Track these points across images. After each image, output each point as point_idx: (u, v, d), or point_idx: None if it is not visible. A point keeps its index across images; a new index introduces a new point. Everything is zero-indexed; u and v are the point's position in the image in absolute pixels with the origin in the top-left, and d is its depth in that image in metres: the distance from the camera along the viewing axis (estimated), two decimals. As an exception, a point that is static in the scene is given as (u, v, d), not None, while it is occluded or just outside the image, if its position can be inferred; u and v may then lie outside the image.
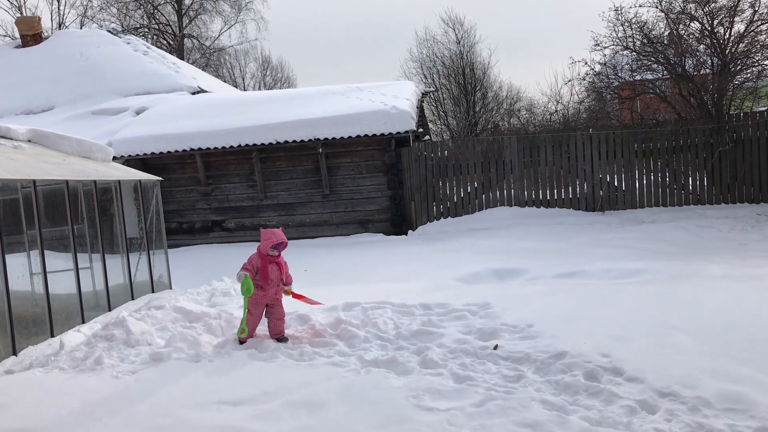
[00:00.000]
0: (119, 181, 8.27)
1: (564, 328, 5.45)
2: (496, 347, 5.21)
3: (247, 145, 13.52)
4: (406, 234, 13.50)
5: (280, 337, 5.88)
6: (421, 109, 16.85)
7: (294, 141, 13.40)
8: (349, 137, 13.30)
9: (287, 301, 6.20)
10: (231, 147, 13.54)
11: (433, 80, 31.54)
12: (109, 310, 7.51)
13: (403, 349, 5.37)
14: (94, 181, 7.60)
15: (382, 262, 10.45)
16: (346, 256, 11.28)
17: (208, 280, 8.75)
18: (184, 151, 13.66)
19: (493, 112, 31.26)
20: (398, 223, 13.77)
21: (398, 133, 13.27)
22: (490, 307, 6.38)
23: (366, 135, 13.28)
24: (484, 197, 13.69)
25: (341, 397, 4.34)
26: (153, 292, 8.60)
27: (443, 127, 31.18)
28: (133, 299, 8.09)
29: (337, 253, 11.60)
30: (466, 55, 31.55)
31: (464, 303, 6.62)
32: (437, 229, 13.32)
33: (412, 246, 11.88)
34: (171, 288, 9.03)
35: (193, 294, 7.73)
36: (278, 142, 13.46)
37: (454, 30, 31.63)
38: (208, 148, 13.59)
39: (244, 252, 12.34)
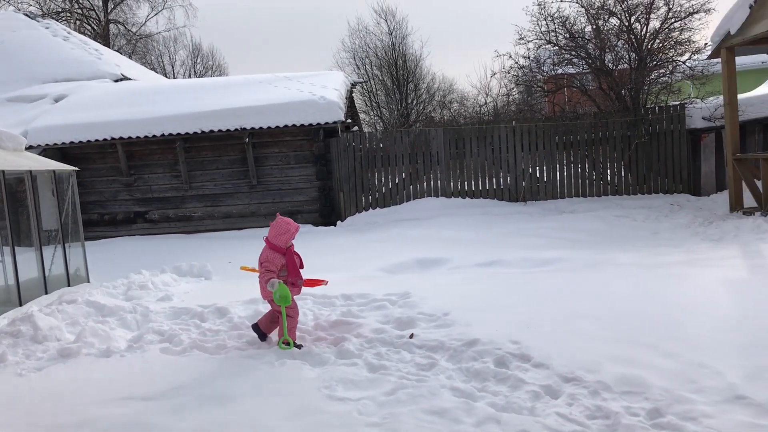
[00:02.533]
0: (31, 171, 7.95)
1: (478, 317, 5.57)
2: (412, 336, 5.28)
3: (170, 134, 13.22)
4: (335, 225, 13.49)
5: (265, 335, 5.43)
6: (350, 100, 16.84)
7: (220, 130, 13.19)
8: (277, 127, 13.18)
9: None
10: (154, 136, 13.21)
11: (366, 71, 31.55)
12: (20, 305, 7.23)
13: (320, 340, 5.38)
14: (2, 171, 7.28)
15: (309, 254, 10.29)
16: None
17: (128, 274, 8.53)
18: (104, 140, 13.25)
19: (426, 104, 31.55)
20: (327, 213, 13.75)
21: (327, 123, 13.23)
22: (409, 297, 6.46)
23: (294, 125, 13.19)
24: (412, 188, 13.81)
25: (254, 390, 4.33)
26: (69, 285, 8.33)
27: (376, 118, 31.26)
28: (46, 293, 7.81)
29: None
30: (399, 47, 31.68)
31: (385, 293, 6.68)
32: (366, 219, 13.36)
33: (341, 237, 11.88)
34: (89, 281, 8.76)
35: (109, 287, 7.53)
36: (203, 132, 13.21)
37: (386, 21, 31.72)
38: (130, 138, 13.21)
39: (168, 244, 12.18)
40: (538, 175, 13.73)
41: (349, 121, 14.74)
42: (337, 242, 11.27)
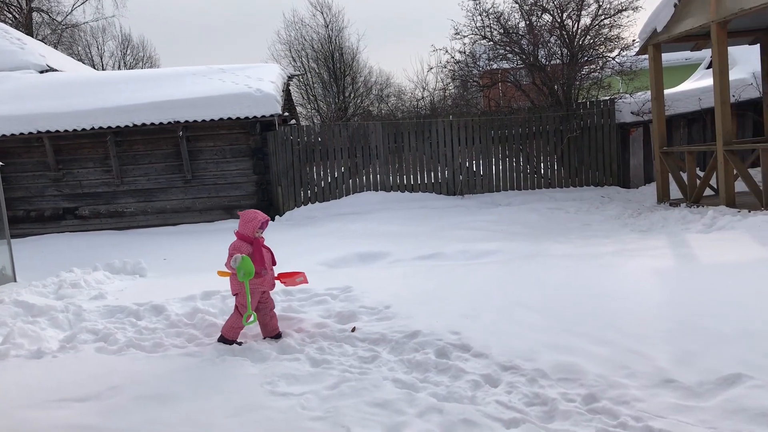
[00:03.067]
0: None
1: (419, 309, 5.62)
2: (353, 329, 5.29)
3: (101, 127, 12.80)
4: (273, 219, 13.35)
5: (277, 335, 5.26)
6: (287, 93, 16.69)
7: (152, 123, 12.86)
8: (212, 120, 12.94)
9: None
10: (83, 130, 12.77)
11: (302, 63, 31.29)
12: (-59, 307, 6.89)
13: (261, 337, 5.33)
14: None
15: (246, 249, 10.29)
16: (209, 243, 11.01)
17: (58, 272, 8.24)
18: (30, 133, 12.73)
19: (363, 98, 31.54)
20: (265, 208, 13.59)
21: (263, 116, 13.08)
22: (351, 291, 6.46)
23: (230, 118, 12.98)
24: (351, 182, 13.81)
25: (194, 388, 4.26)
26: (-6, 285, 8.00)
27: (314, 111, 31.07)
28: (-30, 294, 7.47)
29: (200, 241, 11.30)
30: (335, 39, 31.54)
31: (326, 287, 6.66)
32: (305, 214, 13.30)
33: (279, 232, 11.78)
34: (15, 281, 8.43)
35: (38, 287, 7.26)
36: (135, 125, 12.86)
37: (322, 13, 31.52)
38: (57, 131, 12.74)
39: (100, 241, 11.82)
40: (474, 169, 13.95)
41: (286, 114, 14.61)
42: (275, 237, 11.13)
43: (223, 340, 5.15)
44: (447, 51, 15.12)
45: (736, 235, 7.54)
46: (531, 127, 13.78)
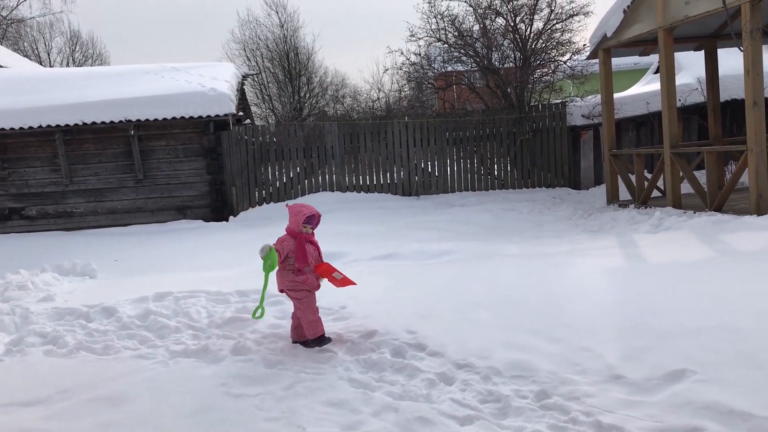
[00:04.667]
0: None
1: (376, 308, 5.65)
2: (309, 330, 5.28)
3: (49, 125, 12.49)
4: (227, 220, 13.23)
5: (306, 341, 4.95)
6: (242, 92, 16.54)
7: (103, 122, 12.61)
8: (165, 119, 12.75)
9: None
10: (30, 128, 12.44)
11: (257, 63, 31.01)
12: None
13: (215, 338, 5.28)
14: None
15: (200, 250, 10.19)
16: (161, 244, 10.85)
17: (4, 274, 8.00)
18: (-27, 131, 12.34)
19: (319, 98, 31.43)
20: (219, 209, 13.46)
21: (217, 115, 12.94)
22: (306, 291, 6.44)
23: (183, 117, 12.81)
24: (307, 182, 13.78)
25: (147, 390, 4.20)
26: (-65, 288, 7.71)
27: (269, 111, 30.83)
28: None
29: (152, 242, 11.12)
30: (290, 39, 31.35)
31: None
32: (260, 214, 13.20)
33: (233, 232, 11.69)
34: (-42, 283, 8.14)
35: (-17, 289, 7.03)
36: (85, 123, 12.58)
37: (277, 13, 31.29)
38: (3, 129, 12.37)
39: (48, 242, 11.50)
40: (430, 170, 14.06)
41: (240, 113, 14.49)
42: (230, 238, 11.08)
43: (316, 342, 4.86)
44: (402, 53, 15.16)
45: (682, 235, 7.78)
46: (485, 129, 13.95)
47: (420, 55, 14.90)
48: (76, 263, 8.52)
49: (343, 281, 5.10)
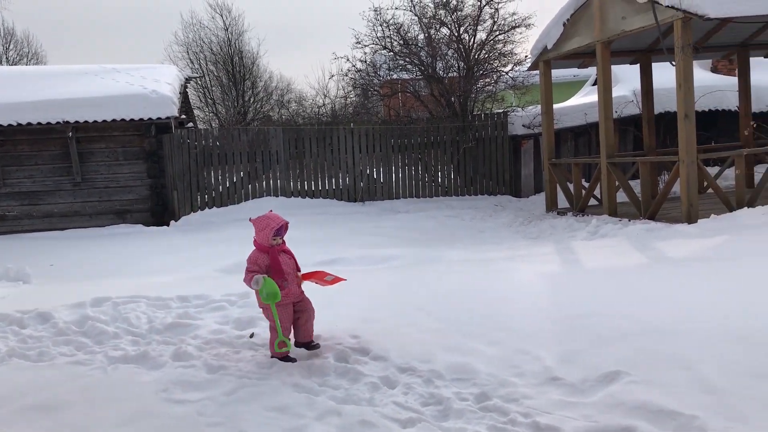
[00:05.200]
0: None
1: (319, 313, 5.59)
2: (252, 335, 5.27)
3: (-20, 126, 12.04)
4: (168, 225, 13.00)
5: (310, 343, 4.81)
6: (185, 95, 16.30)
7: (39, 123, 12.23)
8: (104, 121, 12.47)
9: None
10: (-40, 128, 11.97)
11: (201, 66, 30.61)
12: None
13: (155, 344, 5.20)
14: None
15: (140, 255, 9.99)
16: (100, 249, 10.59)
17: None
18: None
19: (263, 102, 31.21)
20: (159, 213, 13.21)
21: (159, 118, 12.72)
22: (249, 297, 6.39)
23: (123, 119, 12.55)
24: (251, 187, 13.67)
25: (84, 397, 4.10)
26: None
27: (212, 114, 30.45)
28: None
29: (90, 246, 10.84)
30: (235, 43, 31.08)
31: (224, 293, 6.57)
32: (202, 219, 13.04)
33: (175, 237, 11.50)
34: None
35: None
36: (20, 124, 12.19)
37: (221, 16, 30.98)
38: (-70, 128, 11.88)
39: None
40: (375, 176, 14.14)
41: (183, 116, 14.29)
42: (171, 242, 10.90)
43: (274, 356, 4.72)
44: (348, 59, 15.22)
45: (616, 242, 8.05)
46: (429, 137, 14.13)
47: (366, 62, 15.01)
48: (9, 268, 8.24)
49: (335, 280, 5.07)
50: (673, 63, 8.98)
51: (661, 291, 5.48)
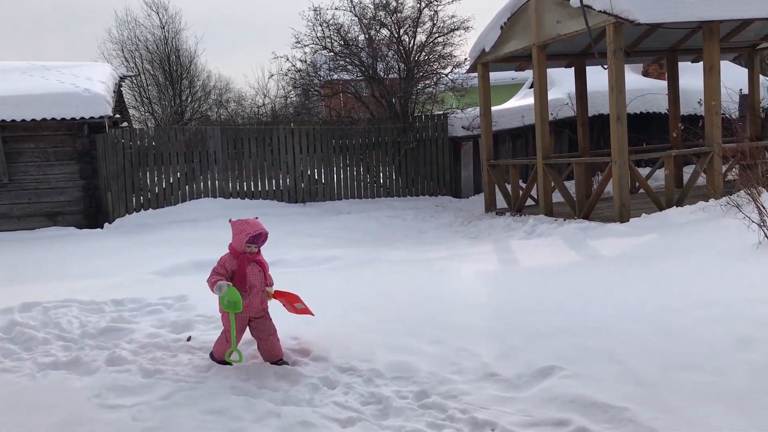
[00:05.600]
0: None
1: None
2: (189, 339, 5.17)
3: None
4: (102, 227, 12.64)
5: (279, 361, 4.55)
6: (119, 94, 15.89)
7: (-38, 122, 11.71)
8: (33, 120, 12.03)
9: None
10: None
11: (136, 65, 29.83)
12: None
13: (88, 349, 5.04)
14: None
15: (72, 258, 9.68)
16: (29, 252, 10.22)
17: None
18: None
19: (202, 102, 30.67)
20: (93, 215, 12.83)
21: (92, 117, 12.35)
22: (186, 299, 6.30)
23: (53, 119, 12.13)
24: (188, 188, 13.42)
25: (10, 405, 3.95)
26: None
27: (148, 114, 29.74)
28: None
29: (19, 250, 10.45)
30: (172, 41, 30.42)
31: (160, 297, 6.44)
32: (137, 221, 12.72)
33: (109, 240, 11.19)
34: None
35: None
36: (-58, 123, 11.64)
37: (158, 14, 30.25)
38: None
39: None
40: (316, 177, 14.08)
41: (117, 116, 13.92)
42: (105, 245, 10.60)
43: (212, 357, 4.60)
44: (288, 59, 15.11)
45: (552, 241, 8.25)
46: (370, 138, 14.16)
47: (305, 62, 14.94)
48: (-70, 273, 7.86)
49: (303, 310, 4.84)
50: (605, 66, 9.27)
51: (595, 288, 5.65)
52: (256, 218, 4.74)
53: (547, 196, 10.74)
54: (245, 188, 13.65)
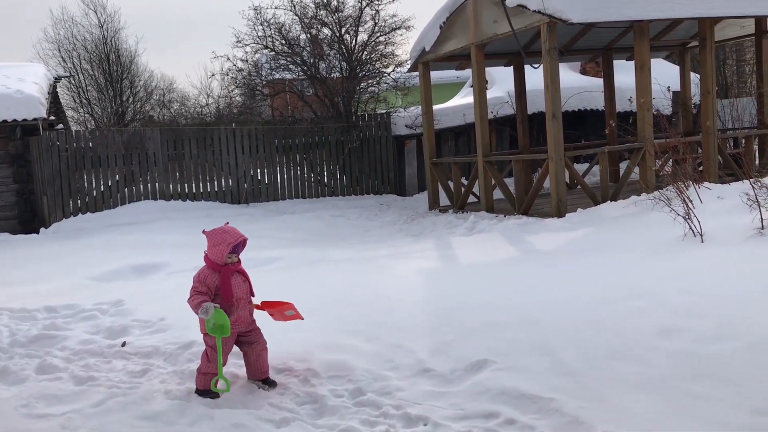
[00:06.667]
0: None
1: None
2: (124, 344, 5.09)
3: None
4: (38, 232, 12.28)
5: (266, 380, 4.24)
6: (55, 95, 15.45)
7: None
8: (-39, 123, 11.59)
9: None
10: None
11: (74, 65, 29.05)
12: None
13: (18, 357, 4.92)
14: None
15: (6, 265, 9.42)
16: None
17: None
18: None
19: (144, 103, 30.05)
20: (28, 220, 12.46)
21: (25, 120, 12.00)
22: (123, 305, 6.20)
23: (-16, 121, 11.72)
24: (127, 191, 13.15)
25: (-68, 419, 3.82)
26: None
27: (87, 115, 28.98)
28: None
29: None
30: (111, 41, 29.71)
31: (95, 302, 6.32)
32: (75, 225, 12.40)
33: (45, 245, 10.89)
34: None
35: None
36: None
37: (96, 12, 29.49)
38: None
39: None
40: (259, 178, 13.98)
41: (52, 118, 13.51)
42: (41, 251, 10.32)
43: (198, 392, 4.11)
44: (229, 58, 14.95)
45: (491, 237, 8.40)
46: (314, 137, 14.13)
47: (247, 61, 14.80)
48: None
49: (294, 317, 4.53)
50: (535, 66, 9.46)
51: (530, 282, 5.77)
52: (227, 223, 4.45)
53: (488, 193, 10.91)
54: (186, 190, 13.45)
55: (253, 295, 4.38)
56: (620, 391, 3.61)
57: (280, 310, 4.53)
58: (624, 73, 14.75)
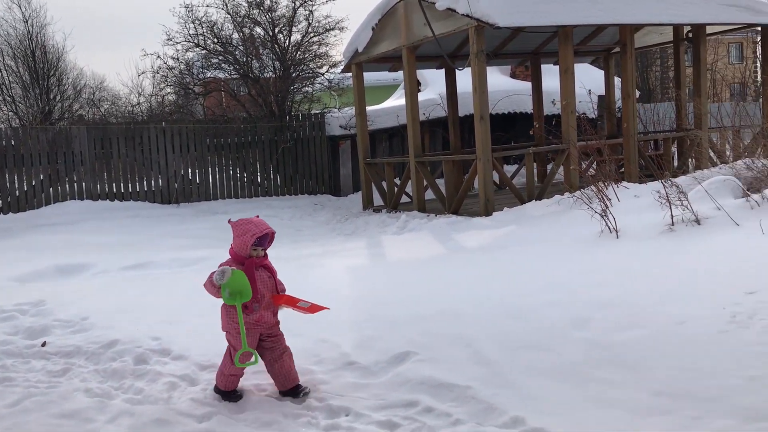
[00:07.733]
0: None
1: (120, 318, 5.48)
2: (44, 344, 4.99)
3: None
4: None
5: (296, 387, 3.93)
6: (-26, 92, 14.86)
7: None
8: None
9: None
10: None
11: (-3, 61, 27.93)
12: None
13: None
14: None
15: None
16: None
17: None
18: None
19: (72, 101, 29.14)
20: (-56, 221, 11.94)
21: (-59, 117, 11.49)
22: (44, 305, 6.05)
23: None
24: (52, 191, 12.78)
25: None
26: None
27: (11, 113, 27.91)
28: None
29: None
30: (37, 37, 28.69)
31: (15, 303, 6.14)
32: (-4, 226, 11.97)
33: (-36, 247, 10.47)
34: None
35: None
36: None
37: (20, 7, 28.42)
38: None
39: None
40: (191, 177, 13.79)
41: (-28, 115, 13.02)
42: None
43: (217, 390, 3.98)
44: (159, 56, 14.69)
45: (421, 236, 8.56)
46: (247, 137, 14.03)
47: (178, 59, 14.58)
48: None
49: (312, 308, 4.09)
50: (459, 68, 9.70)
51: (454, 278, 5.94)
52: (257, 216, 4.14)
53: (419, 192, 11.08)
54: (115, 189, 13.15)
55: (284, 291, 4.11)
56: (533, 379, 3.77)
57: (291, 301, 4.13)
58: (553, 76, 15.22)
